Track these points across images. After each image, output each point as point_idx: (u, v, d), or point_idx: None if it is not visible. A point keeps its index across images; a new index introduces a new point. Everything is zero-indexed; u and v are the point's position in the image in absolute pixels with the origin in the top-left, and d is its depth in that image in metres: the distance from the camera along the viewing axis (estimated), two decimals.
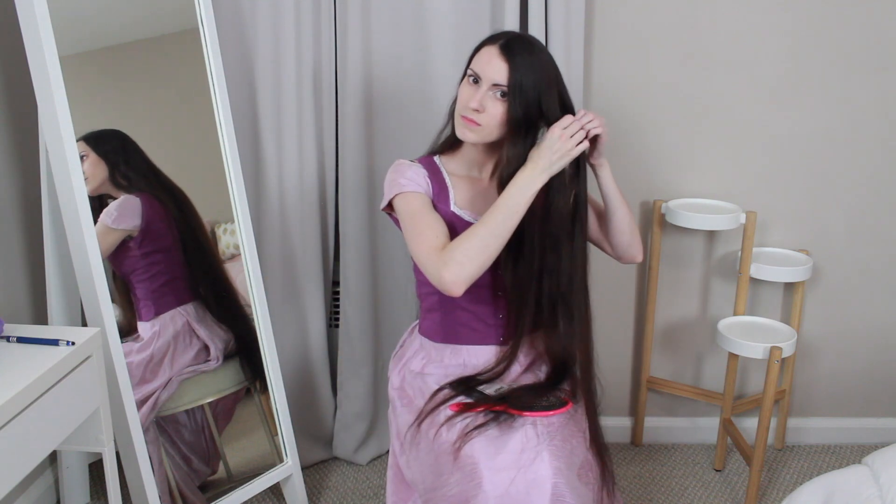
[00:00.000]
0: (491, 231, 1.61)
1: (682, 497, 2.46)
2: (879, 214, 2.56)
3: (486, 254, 1.61)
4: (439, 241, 1.64)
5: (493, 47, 1.67)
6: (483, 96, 1.66)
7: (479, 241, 1.60)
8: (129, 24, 2.01)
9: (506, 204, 1.62)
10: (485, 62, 1.66)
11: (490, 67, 1.65)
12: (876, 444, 2.68)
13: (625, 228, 1.82)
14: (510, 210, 1.62)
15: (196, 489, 2.08)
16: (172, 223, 2.06)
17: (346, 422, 2.56)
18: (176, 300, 2.06)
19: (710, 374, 2.69)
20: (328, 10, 2.30)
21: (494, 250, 1.62)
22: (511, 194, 1.63)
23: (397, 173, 1.77)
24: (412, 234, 1.68)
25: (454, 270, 1.59)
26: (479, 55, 1.69)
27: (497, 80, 1.64)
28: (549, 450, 1.54)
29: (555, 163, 1.63)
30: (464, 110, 1.68)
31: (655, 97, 2.44)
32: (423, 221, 1.68)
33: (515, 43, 1.67)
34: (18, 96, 2.15)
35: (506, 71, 1.64)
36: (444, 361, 1.81)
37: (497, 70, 1.64)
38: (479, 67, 1.67)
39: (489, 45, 1.68)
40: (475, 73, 1.68)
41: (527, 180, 1.63)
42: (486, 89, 1.65)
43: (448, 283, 1.60)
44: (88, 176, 1.89)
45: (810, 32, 2.40)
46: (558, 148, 1.63)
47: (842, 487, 1.62)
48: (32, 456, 1.50)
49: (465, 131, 1.70)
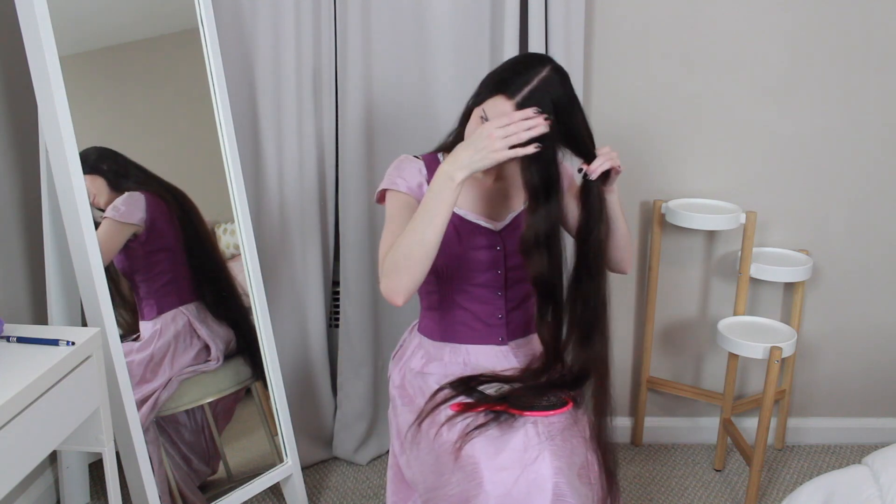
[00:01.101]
0: (412, 239, 1.56)
1: (682, 497, 2.46)
2: (879, 214, 2.56)
3: (412, 262, 1.56)
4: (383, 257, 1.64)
5: (509, 105, 1.57)
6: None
7: (404, 251, 1.57)
8: (129, 24, 2.01)
9: (425, 210, 1.56)
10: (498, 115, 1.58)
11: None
12: (876, 444, 2.69)
13: (620, 246, 1.81)
14: (429, 215, 1.56)
15: (196, 489, 2.08)
16: (176, 221, 2.06)
17: (346, 422, 2.56)
18: (178, 299, 2.06)
19: (710, 374, 2.69)
20: (328, 10, 2.30)
21: (420, 258, 1.56)
22: (428, 199, 1.57)
23: (397, 169, 1.77)
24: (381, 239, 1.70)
25: (384, 283, 1.59)
26: (493, 102, 1.60)
27: None
28: (550, 449, 1.54)
29: (476, 161, 1.53)
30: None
31: (655, 97, 2.45)
32: (391, 228, 1.68)
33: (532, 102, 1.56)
34: (18, 96, 2.15)
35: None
36: (444, 360, 1.81)
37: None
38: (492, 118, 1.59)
39: (504, 98, 1.58)
40: (488, 118, 1.61)
41: (445, 179, 1.54)
42: None
43: (385, 296, 1.60)
44: (94, 193, 1.89)
45: (810, 32, 2.40)
46: (484, 146, 1.52)
47: (842, 487, 1.62)
48: (32, 456, 1.50)
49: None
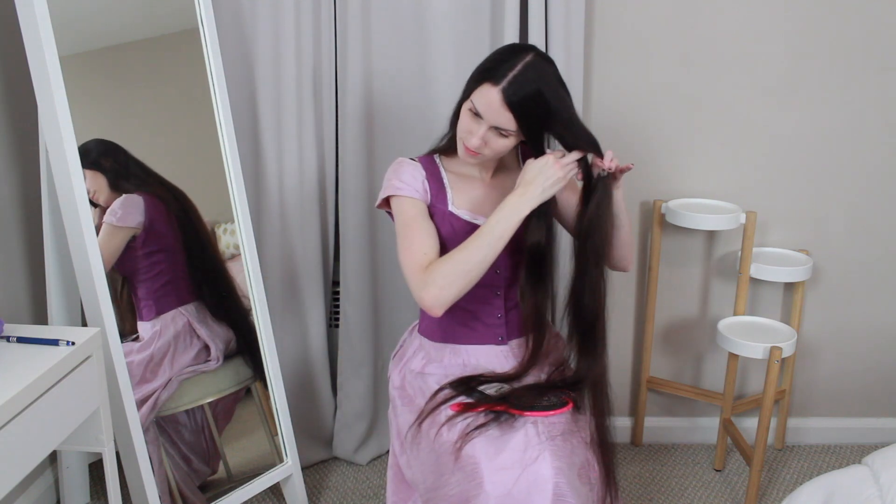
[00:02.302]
0: (473, 256, 1.59)
1: (682, 497, 2.46)
2: (879, 214, 2.56)
3: (467, 279, 1.60)
4: (426, 258, 1.64)
5: (495, 91, 1.60)
6: (484, 134, 1.64)
7: (461, 267, 1.59)
8: (129, 24, 2.01)
9: (491, 231, 1.59)
10: (485, 105, 1.61)
11: (491, 112, 1.61)
12: (876, 444, 2.69)
13: (623, 243, 1.81)
14: (494, 237, 1.59)
15: (196, 489, 2.08)
16: (174, 222, 2.06)
17: (346, 422, 2.56)
18: (177, 300, 2.06)
19: (710, 374, 2.69)
20: (328, 10, 2.30)
21: (475, 276, 1.60)
22: (497, 221, 1.60)
23: (395, 173, 1.77)
24: (401, 245, 1.69)
25: (433, 293, 1.60)
26: (480, 92, 1.62)
27: (498, 124, 1.62)
28: (551, 450, 1.54)
29: (547, 189, 1.60)
30: (466, 141, 1.67)
31: (655, 97, 2.44)
32: (413, 233, 1.68)
33: (516, 84, 1.59)
34: (18, 96, 2.15)
35: (508, 118, 1.60)
36: (444, 361, 1.81)
37: (498, 116, 1.61)
38: (480, 107, 1.62)
39: (490, 85, 1.60)
40: (476, 109, 1.63)
41: (514, 207, 1.60)
42: (486, 128, 1.63)
43: (427, 305, 1.61)
44: (94, 190, 1.89)
45: (810, 32, 2.40)
46: (551, 174, 1.59)
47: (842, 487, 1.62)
48: (32, 456, 1.50)
49: (467, 157, 1.70)
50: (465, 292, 1.62)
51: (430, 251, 1.66)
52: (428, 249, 1.66)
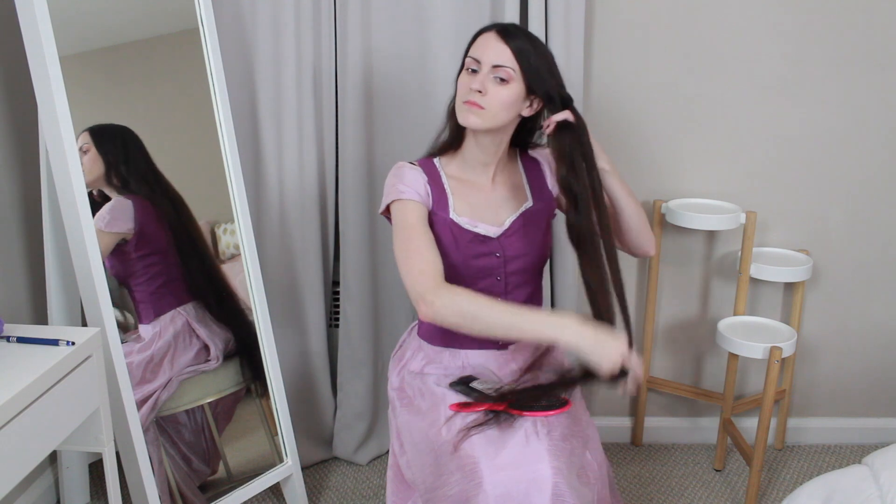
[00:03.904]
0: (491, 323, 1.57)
1: (682, 497, 2.46)
2: (879, 214, 2.56)
3: (470, 327, 1.59)
4: (429, 268, 1.63)
5: (490, 33, 1.68)
6: (484, 79, 1.66)
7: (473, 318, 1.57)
8: (129, 24, 2.01)
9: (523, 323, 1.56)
10: (483, 47, 1.68)
11: (489, 50, 1.66)
12: (876, 444, 2.68)
13: (633, 226, 1.81)
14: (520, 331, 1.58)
15: (196, 489, 2.08)
16: (166, 224, 2.05)
17: (346, 422, 2.56)
18: (175, 300, 2.06)
19: (710, 374, 2.69)
20: (328, 10, 2.30)
21: (478, 330, 1.59)
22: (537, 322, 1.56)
23: (397, 178, 1.75)
24: (402, 252, 1.67)
25: (435, 310, 1.58)
26: (476, 43, 1.71)
27: (497, 61, 1.65)
28: (550, 449, 1.54)
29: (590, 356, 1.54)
30: (465, 95, 1.68)
31: (655, 97, 2.44)
32: (416, 242, 1.67)
33: (511, 27, 1.69)
34: (18, 96, 2.15)
35: (505, 52, 1.65)
36: (444, 363, 1.81)
37: (497, 52, 1.65)
38: (477, 53, 1.68)
39: (485, 32, 1.70)
40: (473, 58, 1.68)
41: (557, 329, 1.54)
42: (486, 72, 1.66)
43: (423, 313, 1.61)
44: (85, 170, 1.88)
45: (810, 32, 2.40)
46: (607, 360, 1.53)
47: (842, 487, 1.61)
48: (32, 456, 1.50)
49: (468, 116, 1.68)
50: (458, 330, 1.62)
51: (433, 261, 1.65)
52: (430, 260, 1.65)
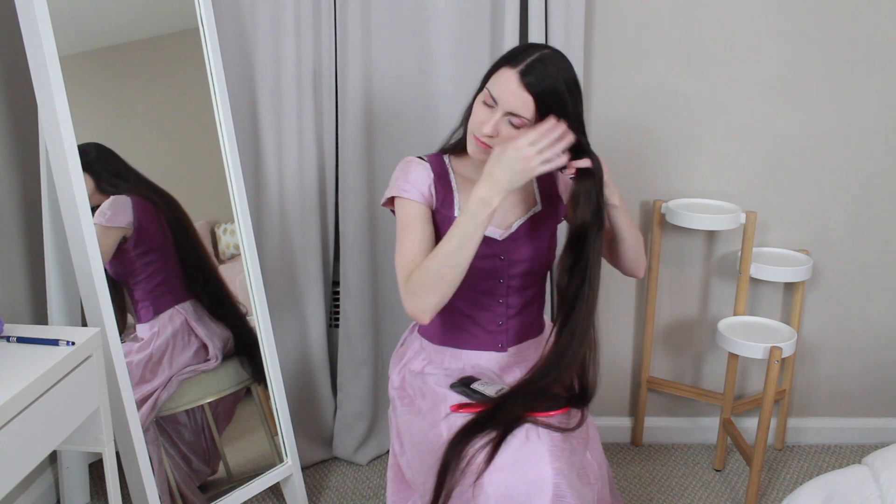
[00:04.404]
0: (445, 261, 1.57)
1: (682, 497, 2.46)
2: (879, 214, 2.56)
3: (444, 284, 1.58)
4: (413, 265, 1.63)
5: (513, 72, 1.58)
6: (498, 121, 1.61)
7: (434, 273, 1.58)
8: (129, 24, 2.01)
9: (460, 231, 1.57)
10: (503, 88, 1.59)
11: (508, 95, 1.59)
12: (876, 444, 2.68)
13: (631, 256, 1.81)
14: (464, 237, 1.56)
15: (196, 489, 2.08)
16: (164, 221, 2.06)
17: (346, 422, 2.56)
18: (173, 298, 2.06)
19: (710, 374, 2.69)
20: (328, 11, 2.30)
21: (452, 279, 1.58)
22: (465, 221, 1.56)
23: (403, 173, 1.75)
24: (397, 248, 1.69)
25: (414, 303, 1.60)
26: (497, 76, 1.61)
27: (513, 109, 1.59)
28: (550, 450, 1.53)
29: (515, 182, 1.55)
30: (478, 132, 1.64)
31: (655, 97, 2.44)
32: (407, 238, 1.67)
33: (536, 68, 1.58)
34: (18, 96, 2.15)
35: (525, 101, 1.57)
36: (445, 364, 1.81)
37: (515, 99, 1.58)
38: (496, 92, 1.60)
39: (508, 68, 1.60)
40: (492, 96, 1.61)
41: (482, 205, 1.55)
42: (501, 115, 1.61)
43: (410, 314, 1.61)
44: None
45: (810, 32, 2.40)
46: (521, 167, 1.54)
47: (842, 487, 1.61)
48: (32, 456, 1.50)
49: (477, 152, 1.67)
50: (448, 297, 1.60)
51: (419, 258, 1.65)
52: (416, 256, 1.65)
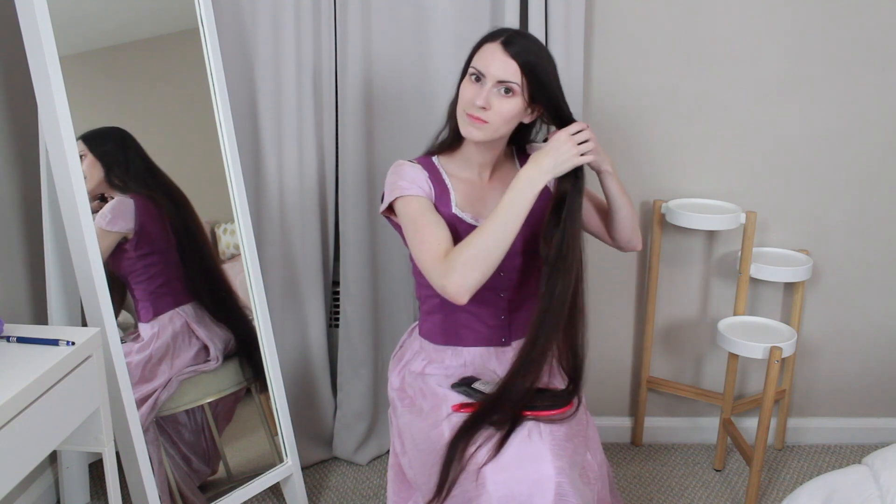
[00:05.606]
0: (492, 237, 1.58)
1: (682, 497, 2.46)
2: (879, 214, 2.56)
3: (489, 261, 1.59)
4: (442, 248, 1.62)
5: (495, 44, 1.65)
6: (488, 93, 1.64)
7: (481, 249, 1.58)
8: (129, 24, 2.01)
9: (507, 209, 1.59)
10: (488, 59, 1.64)
11: (494, 64, 1.63)
12: (876, 444, 2.68)
13: (627, 225, 1.82)
14: (511, 214, 1.59)
15: (196, 489, 2.08)
16: (167, 224, 2.06)
17: (346, 422, 2.56)
18: (174, 301, 2.06)
19: (710, 374, 2.69)
20: (328, 10, 2.30)
21: (497, 257, 1.59)
22: (512, 198, 1.60)
23: (397, 175, 1.74)
24: (415, 241, 1.66)
25: (456, 280, 1.57)
26: (480, 53, 1.67)
27: (502, 76, 1.63)
28: (552, 449, 1.53)
29: (559, 165, 1.61)
30: (469, 108, 1.66)
31: (655, 97, 2.44)
32: (426, 227, 1.66)
33: (516, 38, 1.65)
34: (18, 96, 2.15)
35: (511, 66, 1.62)
36: (445, 363, 1.81)
37: (502, 66, 1.63)
38: (481, 65, 1.65)
39: (490, 43, 1.66)
40: (478, 70, 1.66)
41: (528, 183, 1.61)
42: (490, 86, 1.64)
43: (451, 293, 1.58)
44: (86, 176, 1.89)
45: (810, 32, 2.40)
46: (565, 151, 1.61)
47: (842, 487, 1.62)
48: (32, 456, 1.50)
49: (471, 129, 1.67)
50: (488, 276, 1.60)
51: (445, 240, 1.64)
52: (442, 239, 1.64)
